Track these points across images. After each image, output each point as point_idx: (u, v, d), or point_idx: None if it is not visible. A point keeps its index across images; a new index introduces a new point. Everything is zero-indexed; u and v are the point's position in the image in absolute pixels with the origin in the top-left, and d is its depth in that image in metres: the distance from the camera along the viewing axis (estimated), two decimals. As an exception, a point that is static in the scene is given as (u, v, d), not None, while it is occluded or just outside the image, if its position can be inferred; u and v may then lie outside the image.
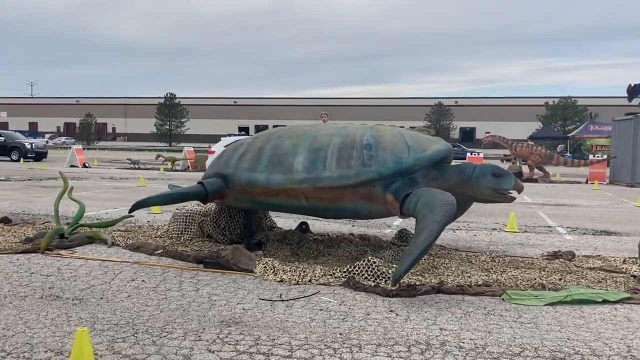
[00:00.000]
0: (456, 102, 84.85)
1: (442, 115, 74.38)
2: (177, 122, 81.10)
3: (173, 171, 24.26)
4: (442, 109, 74.90)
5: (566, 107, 68.79)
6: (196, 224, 7.36)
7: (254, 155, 5.92)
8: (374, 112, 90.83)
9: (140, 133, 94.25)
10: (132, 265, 5.96)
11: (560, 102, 69.18)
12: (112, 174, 21.55)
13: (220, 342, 3.70)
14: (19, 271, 5.56)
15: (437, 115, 74.34)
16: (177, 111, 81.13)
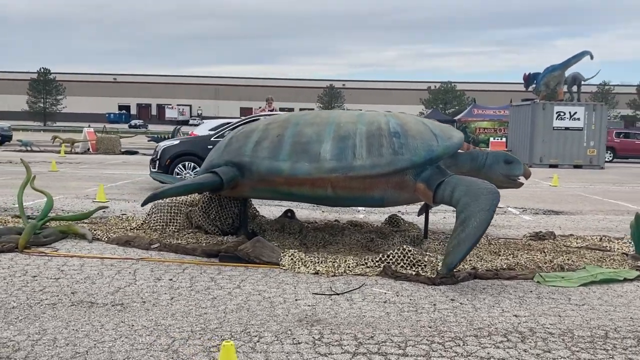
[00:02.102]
0: (344, 84, 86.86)
1: (334, 98, 75.77)
2: (52, 100, 74.55)
3: (73, 154, 22.39)
4: (333, 91, 76.25)
5: (446, 92, 73.27)
6: (183, 215, 6.89)
7: (272, 143, 5.63)
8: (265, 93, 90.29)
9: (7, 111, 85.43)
10: (138, 262, 5.46)
11: (442, 87, 73.49)
12: (6, 157, 19.39)
13: (323, 344, 3.54)
14: (16, 275, 4.86)
15: (329, 97, 75.61)
16: (52, 88, 74.48)
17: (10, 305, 4.10)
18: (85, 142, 23.48)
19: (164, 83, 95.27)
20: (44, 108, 73.57)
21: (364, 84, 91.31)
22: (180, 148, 11.15)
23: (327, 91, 76.50)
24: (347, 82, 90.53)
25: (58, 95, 74.79)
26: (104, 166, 17.33)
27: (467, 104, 69.00)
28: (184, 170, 10.94)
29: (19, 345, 3.38)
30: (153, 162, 11.40)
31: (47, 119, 72.92)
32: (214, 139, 11.05)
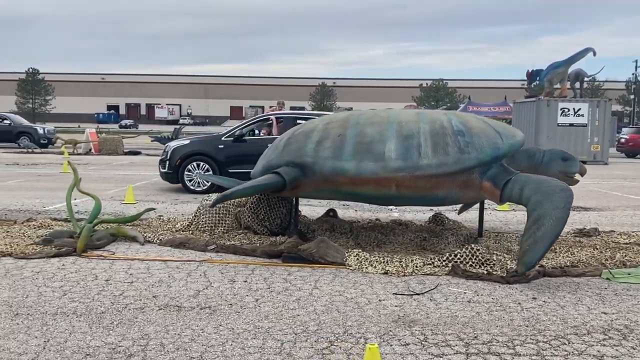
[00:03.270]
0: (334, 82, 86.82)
1: (326, 96, 75.73)
2: (41, 100, 73.62)
3: (75, 154, 22.11)
4: (325, 89, 76.22)
5: (438, 89, 73.59)
6: (231, 215, 6.84)
7: (334, 142, 5.60)
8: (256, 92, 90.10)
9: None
10: (202, 264, 5.41)
11: (433, 84, 73.78)
12: (8, 159, 19.12)
13: (431, 345, 3.53)
14: (87, 279, 4.79)
15: (321, 95, 75.56)
16: (41, 88, 73.56)
17: (98, 310, 4.04)
18: (87, 143, 23.21)
19: (153, 82, 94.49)
20: (33, 109, 72.63)
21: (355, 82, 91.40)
22: (191, 148, 11.06)
23: (319, 89, 76.41)
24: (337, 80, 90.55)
25: (47, 96, 73.92)
26: (112, 167, 17.15)
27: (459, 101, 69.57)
28: (194, 170, 10.89)
29: (130, 351, 3.33)
30: (163, 163, 11.30)
31: (36, 119, 71.98)
32: (224, 139, 11.02)
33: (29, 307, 4.05)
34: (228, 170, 10.78)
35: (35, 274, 4.91)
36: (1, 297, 4.26)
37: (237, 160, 10.80)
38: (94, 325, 3.73)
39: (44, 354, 3.26)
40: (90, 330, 3.65)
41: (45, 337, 3.51)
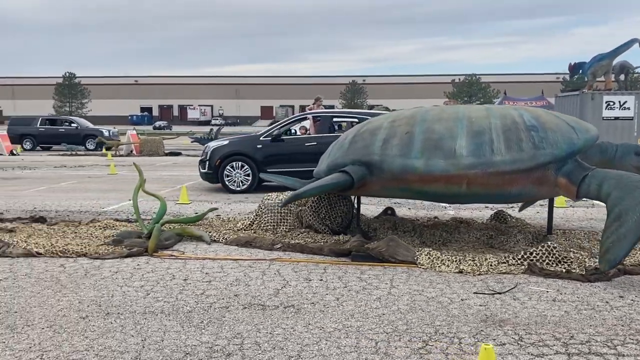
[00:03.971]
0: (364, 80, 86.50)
1: (356, 94, 75.54)
2: (77, 104, 75.40)
3: (118, 156, 22.53)
4: (356, 87, 76.02)
5: (471, 84, 72.62)
6: (293, 215, 6.86)
7: (402, 140, 5.55)
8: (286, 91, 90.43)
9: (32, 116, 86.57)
10: (272, 262, 5.43)
11: (466, 80, 72.85)
12: (57, 162, 19.61)
13: (529, 345, 3.46)
14: (165, 278, 4.86)
15: (352, 93, 75.39)
16: (77, 92, 75.32)
17: (184, 309, 4.09)
18: (129, 145, 23.64)
19: (185, 84, 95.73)
20: (70, 112, 74.40)
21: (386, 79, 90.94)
22: (230, 148, 11.13)
23: (349, 87, 76.25)
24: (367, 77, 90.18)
25: (83, 99, 75.64)
26: (157, 168, 17.41)
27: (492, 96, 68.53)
28: (233, 171, 10.97)
29: (227, 350, 3.36)
30: (202, 163, 11.41)
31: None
32: (262, 139, 11.07)
33: (117, 307, 4.13)
34: (266, 170, 10.85)
35: (113, 274, 5.00)
36: (88, 297, 4.35)
37: (275, 159, 10.87)
38: (185, 324, 3.77)
39: (144, 353, 3.31)
40: (182, 329, 3.69)
41: (141, 336, 3.56)
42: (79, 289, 4.54)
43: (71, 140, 25.35)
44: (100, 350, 3.34)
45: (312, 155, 10.86)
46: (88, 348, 3.37)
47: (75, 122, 26.69)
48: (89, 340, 3.49)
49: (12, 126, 26.57)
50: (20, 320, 3.83)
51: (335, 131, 11.81)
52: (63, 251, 5.69)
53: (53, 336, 3.55)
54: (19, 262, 5.41)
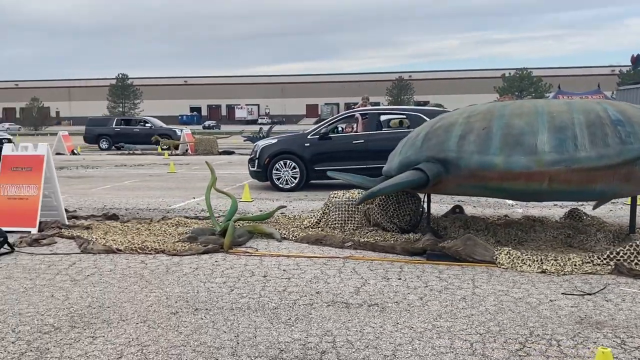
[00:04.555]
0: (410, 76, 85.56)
1: (403, 90, 74.85)
2: (130, 104, 77.74)
3: (174, 155, 23.05)
4: (402, 83, 75.32)
5: (522, 79, 70.79)
6: (360, 213, 6.83)
7: (479, 136, 5.43)
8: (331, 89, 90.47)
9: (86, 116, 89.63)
10: (347, 260, 5.41)
11: (517, 74, 71.04)
12: (115, 161, 20.23)
13: (634, 349, 3.31)
14: (244, 275, 4.91)
15: (398, 89, 74.75)
16: (130, 92, 77.67)
17: (270, 305, 4.12)
18: (184, 144, 24.16)
19: (233, 84, 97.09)
20: (123, 112, 76.74)
21: (432, 75, 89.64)
22: (279, 147, 11.19)
23: (395, 84, 75.63)
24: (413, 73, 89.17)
25: (135, 100, 77.89)
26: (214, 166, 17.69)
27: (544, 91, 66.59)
28: (281, 169, 11.02)
29: (320, 348, 3.36)
30: (252, 161, 11.54)
31: (126, 122, 76.03)
32: (310, 137, 11.08)
33: (204, 303, 4.20)
34: (314, 168, 10.91)
35: (194, 270, 5.09)
36: (174, 293, 4.44)
37: (323, 157, 10.88)
38: (273, 321, 3.80)
39: (240, 349, 3.35)
40: (272, 325, 3.72)
41: (234, 332, 3.61)
42: (163, 285, 4.65)
43: (144, 140, 25.93)
44: (196, 345, 3.40)
45: (359, 153, 10.81)
46: (184, 343, 3.44)
47: (149, 122, 27.52)
48: (184, 335, 3.56)
49: (90, 126, 27.64)
50: (114, 315, 3.94)
51: (383, 129, 11.72)
52: (142, 248, 5.84)
53: (148, 331, 3.64)
54: (101, 258, 5.58)
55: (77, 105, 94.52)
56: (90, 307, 4.11)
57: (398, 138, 10.75)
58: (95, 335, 3.58)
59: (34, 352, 3.32)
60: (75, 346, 3.40)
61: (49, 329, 3.68)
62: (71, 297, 4.34)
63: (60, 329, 3.68)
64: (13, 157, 7.14)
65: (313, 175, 10.94)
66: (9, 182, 7.03)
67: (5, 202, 6.96)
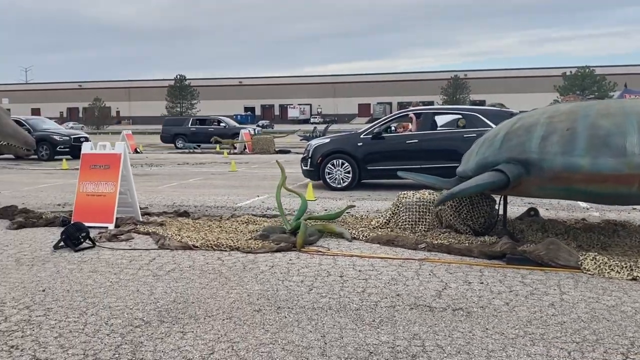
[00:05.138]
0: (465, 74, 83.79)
1: (458, 89, 73.48)
2: (187, 104, 79.79)
3: (232, 154, 23.45)
4: (458, 82, 73.95)
5: (584, 77, 68.18)
6: (432, 214, 6.70)
7: (563, 137, 5.22)
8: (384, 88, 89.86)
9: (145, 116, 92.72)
10: (423, 262, 5.32)
11: (578, 72, 68.47)
12: (177, 159, 20.76)
13: None
14: (321, 275, 4.90)
15: (453, 88, 73.45)
16: (187, 93, 79.74)
17: (351, 306, 4.09)
18: (242, 143, 24.55)
19: (285, 84, 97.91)
20: (181, 112, 78.80)
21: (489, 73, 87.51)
22: (331, 146, 11.18)
23: (451, 82, 74.35)
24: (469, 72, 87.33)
25: (192, 100, 79.85)
26: (272, 165, 17.86)
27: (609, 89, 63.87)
28: (334, 169, 10.96)
29: (410, 351, 3.29)
30: (304, 160, 11.58)
31: (183, 122, 78.10)
32: (363, 137, 11.00)
33: (285, 301, 4.21)
34: (367, 168, 10.83)
35: (270, 268, 5.13)
36: (254, 290, 4.48)
37: (376, 157, 10.80)
38: (357, 322, 3.76)
39: (329, 349, 3.33)
40: (357, 327, 3.68)
41: (320, 332, 3.59)
42: (242, 282, 4.69)
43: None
44: (284, 344, 3.41)
45: (413, 153, 10.68)
46: (272, 341, 3.45)
47: (224, 121, 28.17)
48: (271, 333, 3.58)
49: (166, 126, 28.57)
50: (200, 310, 4.01)
51: (437, 128, 11.52)
52: (217, 245, 5.93)
53: (235, 328, 3.67)
54: (178, 254, 5.71)
55: (136, 105, 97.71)
56: (176, 302, 4.19)
57: (453, 138, 10.67)
58: (184, 330, 3.64)
59: (129, 345, 3.41)
60: (167, 341, 3.47)
61: (139, 322, 3.78)
62: (156, 292, 4.44)
63: (150, 323, 3.77)
64: (92, 155, 7.41)
65: (365, 174, 10.91)
66: (87, 179, 7.30)
67: (84, 199, 7.23)
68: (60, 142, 20.44)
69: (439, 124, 11.78)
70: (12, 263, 5.36)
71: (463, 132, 10.70)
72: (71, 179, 13.80)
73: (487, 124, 10.47)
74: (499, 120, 10.44)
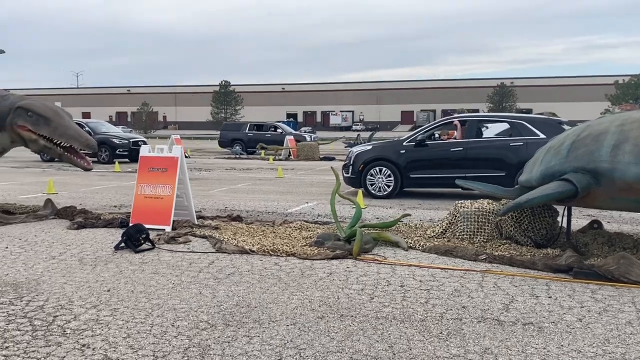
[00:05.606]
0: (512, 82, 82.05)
1: (505, 97, 72.03)
2: (232, 110, 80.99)
3: (277, 160, 23.61)
4: (504, 89, 72.51)
5: (637, 86, 65.80)
6: (491, 224, 6.53)
7: (637, 146, 5.00)
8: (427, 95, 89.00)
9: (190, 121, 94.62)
10: (484, 274, 5.17)
11: (632, 81, 66.14)
12: (225, 164, 21.03)
13: None
14: (381, 284, 4.82)
15: (500, 96, 72.07)
16: (231, 99, 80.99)
17: (416, 317, 4.00)
18: (286, 150, 24.69)
19: (327, 90, 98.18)
20: (225, 118, 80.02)
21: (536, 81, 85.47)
22: (373, 153, 11.05)
23: (497, 90, 72.97)
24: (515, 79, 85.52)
25: (237, 106, 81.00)
26: (317, 172, 17.89)
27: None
28: (376, 176, 10.84)
29: (483, 366, 3.18)
30: (346, 168, 11.49)
31: (227, 127, 79.25)
32: (405, 144, 10.85)
33: (347, 309, 4.15)
34: (410, 176, 10.68)
35: (328, 275, 5.08)
36: (315, 297, 4.44)
37: (419, 165, 10.65)
38: (424, 334, 3.67)
39: (398, 361, 3.25)
40: (424, 338, 3.59)
41: (386, 342, 3.52)
42: (302, 288, 4.66)
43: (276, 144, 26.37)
44: (352, 353, 3.35)
45: (458, 161, 10.46)
46: (339, 350, 3.40)
47: (280, 127, 28.51)
48: (337, 341, 3.53)
49: (224, 131, 29.16)
50: (264, 315, 3.99)
51: (482, 136, 11.25)
52: (274, 250, 5.93)
53: (300, 334, 3.64)
54: (236, 257, 5.73)
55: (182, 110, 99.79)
56: (239, 306, 4.19)
57: (499, 146, 10.41)
58: (250, 334, 3.63)
59: (197, 348, 3.42)
60: (234, 345, 3.46)
61: (205, 325, 3.79)
62: (218, 295, 4.46)
63: (216, 326, 3.77)
64: (150, 158, 7.56)
65: (408, 182, 10.77)
66: (145, 181, 7.44)
67: (142, 201, 7.37)
68: (119, 145, 20.84)
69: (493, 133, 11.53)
70: (75, 262, 5.50)
71: (509, 140, 10.45)
72: (124, 181, 14.16)
73: (535, 132, 10.22)
74: (546, 129, 10.19)
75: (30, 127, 7.41)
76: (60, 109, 7.87)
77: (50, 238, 6.66)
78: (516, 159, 9.98)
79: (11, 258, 5.65)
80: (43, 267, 5.29)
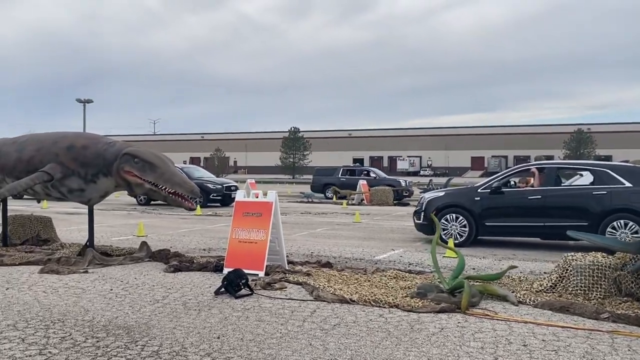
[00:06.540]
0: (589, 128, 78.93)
1: (583, 143, 69.22)
2: (300, 155, 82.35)
3: (350, 205, 23.48)
4: (582, 135, 69.80)
5: None
6: (608, 280, 6.04)
7: None
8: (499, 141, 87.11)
9: (259, 166, 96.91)
10: (612, 335, 4.71)
11: None
12: (299, 208, 21.11)
13: None
14: (500, 341, 4.48)
15: (577, 142, 69.37)
16: (300, 144, 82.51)
17: (552, 383, 3.64)
18: (360, 194, 24.56)
19: (394, 136, 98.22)
20: (294, 163, 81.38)
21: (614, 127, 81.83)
22: (446, 200, 10.72)
23: (574, 136, 70.33)
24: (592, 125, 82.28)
25: (305, 151, 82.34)
26: (394, 217, 17.59)
27: None
28: (449, 223, 10.43)
29: None
30: (417, 214, 11.14)
31: (295, 172, 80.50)
32: (480, 191, 10.44)
33: (473, 370, 3.85)
34: (485, 224, 10.22)
35: (440, 331, 4.79)
36: (433, 354, 4.16)
37: (495, 213, 10.20)
38: (568, 403, 3.31)
39: None
40: (570, 409, 3.24)
41: (528, 411, 3.19)
42: (416, 344, 4.40)
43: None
44: (493, 422, 3.05)
45: (536, 210, 9.95)
46: (478, 417, 3.10)
47: (374, 172, 28.49)
48: (472, 407, 3.24)
49: (317, 176, 29.37)
50: (383, 373, 3.76)
51: (562, 184, 10.66)
52: (375, 300, 5.71)
53: (429, 397, 3.37)
54: (337, 307, 5.55)
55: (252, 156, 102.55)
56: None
57: (580, 195, 9.80)
58: (375, 394, 3.40)
59: (322, 406, 3.23)
60: (361, 405, 3.24)
61: (324, 381, 3.60)
62: (329, 347, 4.28)
63: (336, 382, 3.58)
64: (246, 203, 7.61)
65: (483, 231, 10.33)
66: (240, 226, 7.47)
67: (236, 245, 7.38)
68: (213, 190, 20.99)
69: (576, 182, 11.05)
70: (180, 307, 5.49)
71: (592, 189, 9.87)
72: (207, 224, 14.42)
73: (619, 180, 9.62)
74: (632, 177, 9.56)
75: (136, 173, 7.66)
76: (164, 155, 8.12)
77: (149, 281, 6.74)
78: (599, 208, 9.49)
79: (117, 300, 5.72)
80: (150, 311, 5.31)
